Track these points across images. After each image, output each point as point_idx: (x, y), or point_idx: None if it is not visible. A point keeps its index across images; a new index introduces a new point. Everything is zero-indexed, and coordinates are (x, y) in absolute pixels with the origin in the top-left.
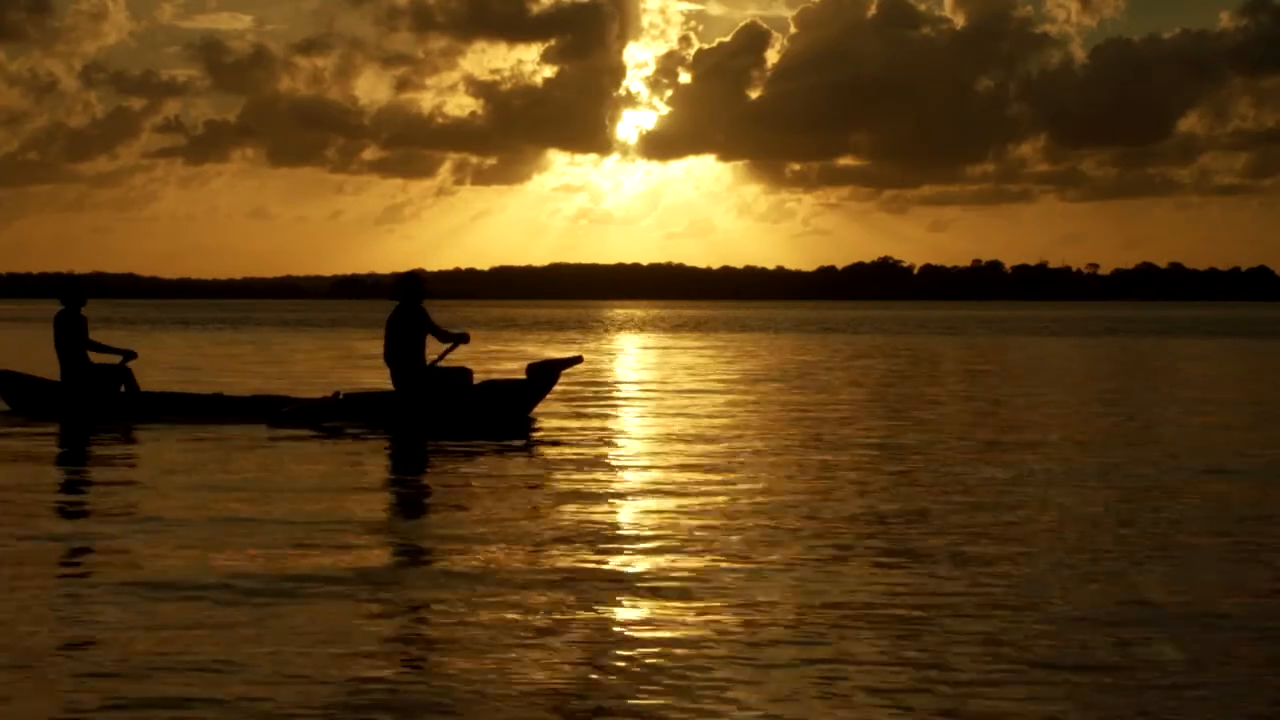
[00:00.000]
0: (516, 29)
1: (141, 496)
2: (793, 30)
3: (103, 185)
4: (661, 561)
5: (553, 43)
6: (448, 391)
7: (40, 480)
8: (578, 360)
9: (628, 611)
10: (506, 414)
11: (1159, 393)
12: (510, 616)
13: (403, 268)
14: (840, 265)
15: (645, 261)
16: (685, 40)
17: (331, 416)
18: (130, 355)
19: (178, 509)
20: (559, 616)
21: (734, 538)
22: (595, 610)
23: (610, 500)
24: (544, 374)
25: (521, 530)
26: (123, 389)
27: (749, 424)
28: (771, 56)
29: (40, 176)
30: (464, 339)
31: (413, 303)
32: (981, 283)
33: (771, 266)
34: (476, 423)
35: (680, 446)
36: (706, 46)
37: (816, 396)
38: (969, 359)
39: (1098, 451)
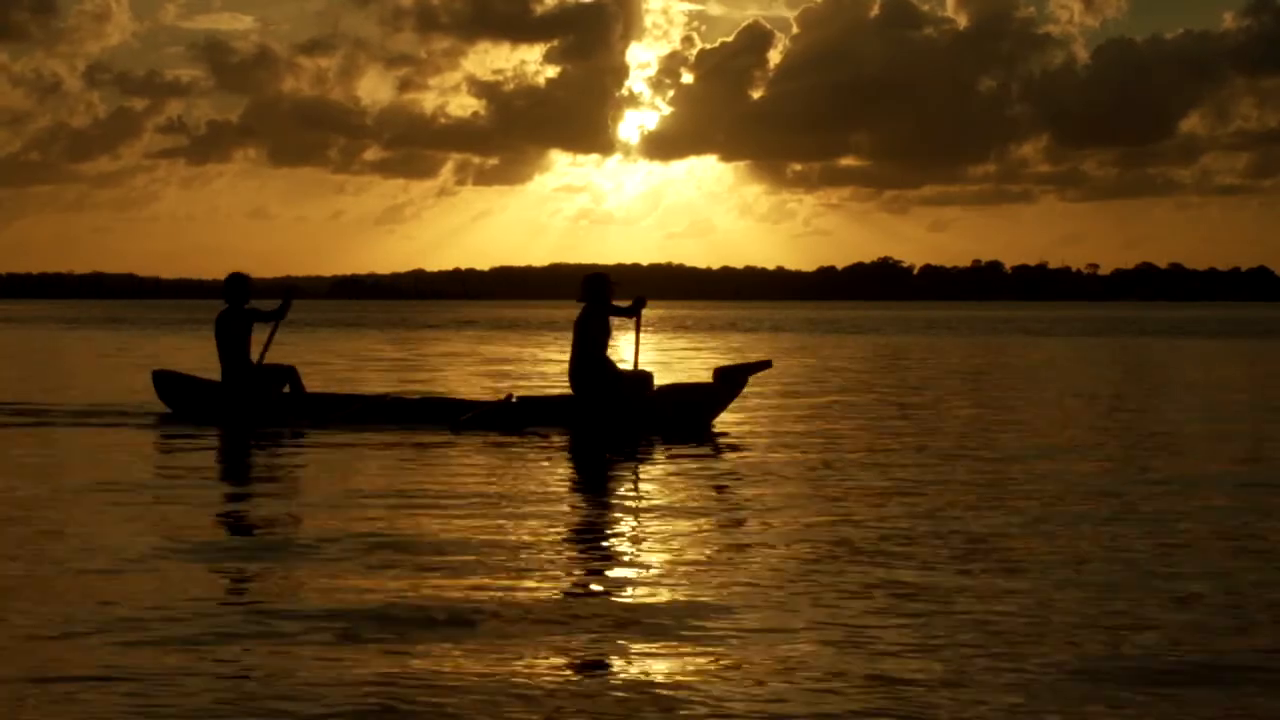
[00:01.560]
0: (519, 29)
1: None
2: (795, 30)
3: (104, 185)
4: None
5: (555, 43)
6: (628, 396)
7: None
8: (767, 365)
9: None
10: (690, 420)
11: (1163, 395)
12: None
13: (403, 268)
14: (840, 265)
15: (645, 262)
16: (688, 40)
17: (509, 421)
18: (285, 310)
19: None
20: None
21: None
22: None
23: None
24: (731, 379)
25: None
26: (287, 389)
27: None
28: (773, 57)
29: (41, 177)
30: (638, 307)
31: (598, 305)
32: (981, 283)
33: (771, 267)
34: (658, 429)
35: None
36: (709, 47)
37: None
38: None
39: (1107, 459)
